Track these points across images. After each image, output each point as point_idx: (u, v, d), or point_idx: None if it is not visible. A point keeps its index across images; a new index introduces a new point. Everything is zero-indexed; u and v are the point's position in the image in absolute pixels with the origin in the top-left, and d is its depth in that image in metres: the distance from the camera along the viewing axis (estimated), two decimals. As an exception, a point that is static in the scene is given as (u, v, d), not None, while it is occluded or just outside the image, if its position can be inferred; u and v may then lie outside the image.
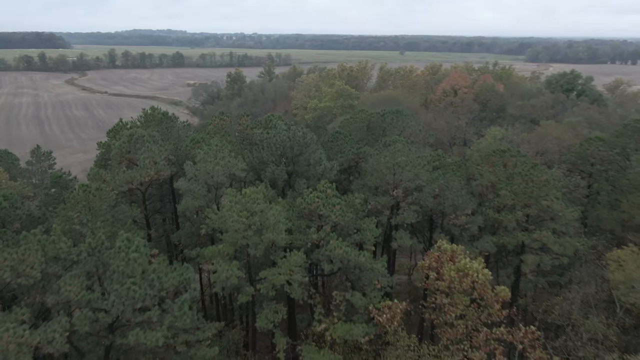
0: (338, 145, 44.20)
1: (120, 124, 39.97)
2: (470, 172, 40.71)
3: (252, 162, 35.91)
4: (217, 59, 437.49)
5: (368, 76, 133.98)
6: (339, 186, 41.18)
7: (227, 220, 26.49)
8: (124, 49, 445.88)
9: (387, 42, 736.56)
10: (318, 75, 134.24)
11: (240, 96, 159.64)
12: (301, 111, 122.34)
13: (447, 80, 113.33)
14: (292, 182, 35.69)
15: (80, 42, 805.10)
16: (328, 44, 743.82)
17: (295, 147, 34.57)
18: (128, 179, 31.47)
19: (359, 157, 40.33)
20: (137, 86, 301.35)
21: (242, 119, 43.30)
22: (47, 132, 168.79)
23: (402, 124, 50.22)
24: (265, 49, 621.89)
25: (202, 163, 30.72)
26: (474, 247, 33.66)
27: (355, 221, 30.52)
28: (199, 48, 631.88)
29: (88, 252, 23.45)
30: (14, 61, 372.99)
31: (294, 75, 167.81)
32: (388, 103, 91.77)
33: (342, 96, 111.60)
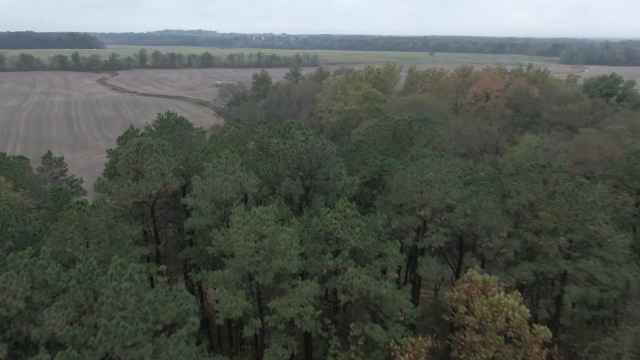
0: (361, 156, 41.21)
1: (130, 131, 37.98)
2: (505, 188, 37.12)
3: (266, 174, 33.31)
4: (245, 59, 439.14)
5: (396, 78, 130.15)
6: (361, 200, 38.30)
7: (234, 243, 23.92)
8: (154, 49, 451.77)
9: (416, 42, 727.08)
10: (344, 77, 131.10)
11: (266, 97, 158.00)
12: (326, 114, 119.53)
13: (478, 84, 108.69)
14: (310, 197, 32.94)
15: (113, 42, 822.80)
16: (356, 44, 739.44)
17: (314, 159, 31.80)
18: (133, 193, 29.29)
19: (383, 170, 37.24)
20: (165, 86, 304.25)
21: (259, 126, 40.78)
22: (76, 132, 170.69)
23: (430, 133, 46.83)
24: (293, 49, 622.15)
25: (210, 178, 28.28)
26: (509, 274, 30.18)
27: (376, 245, 27.52)
28: (228, 48, 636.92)
29: (78, 279, 21.17)
30: (49, 61, 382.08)
31: (320, 77, 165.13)
32: (416, 107, 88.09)
33: (369, 99, 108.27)
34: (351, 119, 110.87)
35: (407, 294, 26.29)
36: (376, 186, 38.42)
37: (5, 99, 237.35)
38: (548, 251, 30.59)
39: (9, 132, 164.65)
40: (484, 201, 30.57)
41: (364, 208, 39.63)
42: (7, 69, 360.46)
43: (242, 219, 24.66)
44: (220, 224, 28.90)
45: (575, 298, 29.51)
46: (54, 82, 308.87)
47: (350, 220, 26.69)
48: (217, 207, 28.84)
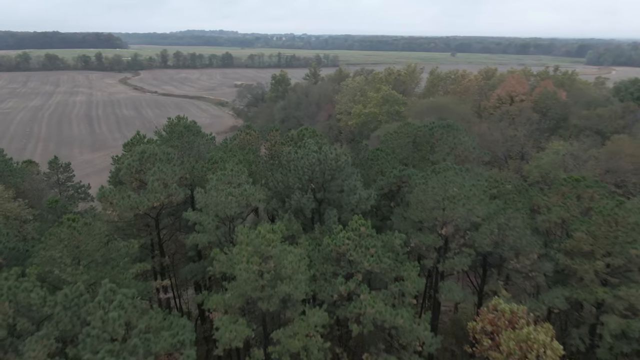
0: (378, 165, 38.79)
1: (137, 137, 36.28)
2: (534, 202, 34.27)
3: (276, 186, 31.19)
4: (265, 59, 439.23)
5: (417, 80, 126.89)
6: (377, 212, 35.90)
7: (236, 266, 21.83)
8: (176, 49, 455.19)
9: (438, 43, 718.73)
10: (364, 78, 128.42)
11: (284, 99, 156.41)
12: (345, 116, 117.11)
13: (502, 86, 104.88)
14: (322, 210, 30.71)
15: (136, 42, 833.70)
16: (377, 44, 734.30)
17: (327, 171, 29.55)
18: (132, 205, 27.51)
19: (402, 181, 34.78)
20: (186, 86, 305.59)
21: (270, 133, 38.70)
22: (96, 131, 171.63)
23: (452, 140, 44.15)
24: (314, 49, 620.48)
25: (213, 191, 26.28)
26: (539, 301, 27.47)
27: (393, 268, 25.14)
28: (249, 48, 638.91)
29: (64, 305, 19.33)
30: (73, 60, 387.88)
31: (339, 78, 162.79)
32: (437, 111, 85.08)
33: (388, 102, 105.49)
34: (370, 121, 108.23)
35: (426, 324, 23.86)
36: (394, 198, 35.97)
37: (29, 99, 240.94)
38: (583, 276, 27.75)
39: (31, 131, 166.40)
40: (512, 219, 27.90)
41: (381, 220, 37.25)
42: (32, 69, 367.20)
43: (245, 238, 22.58)
44: (225, 240, 26.90)
45: (615, 330, 26.57)
46: (77, 82, 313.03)
47: (365, 240, 24.37)
48: (222, 223, 26.88)
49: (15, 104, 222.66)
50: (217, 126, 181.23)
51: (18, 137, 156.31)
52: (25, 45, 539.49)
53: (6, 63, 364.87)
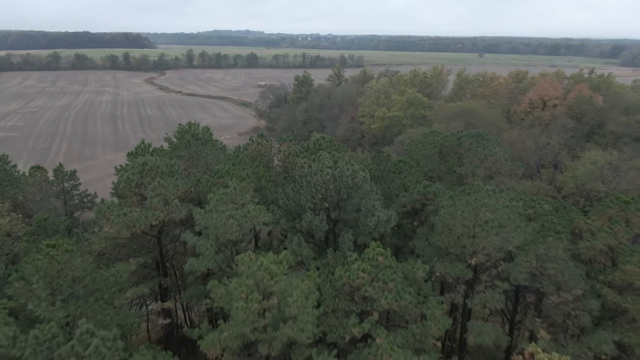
0: (401, 179, 35.57)
1: (142, 146, 33.99)
2: (575, 225, 30.55)
3: (287, 204, 28.37)
4: (290, 59, 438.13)
5: (443, 83, 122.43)
6: (399, 230, 32.72)
7: (234, 302, 19.09)
8: (201, 49, 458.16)
9: (465, 43, 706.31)
10: (388, 80, 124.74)
11: (307, 100, 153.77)
12: (368, 119, 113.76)
13: (534, 90, 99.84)
14: (337, 231, 27.76)
15: (164, 42, 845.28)
16: (403, 45, 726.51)
17: (342, 189, 26.58)
18: (129, 223, 25.10)
19: (426, 198, 31.54)
20: (210, 86, 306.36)
21: (284, 143, 35.84)
22: (120, 131, 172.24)
23: (483, 152, 40.51)
24: (339, 49, 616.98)
25: (213, 212, 23.63)
26: (583, 345, 23.91)
27: (415, 306, 22.00)
28: (274, 48, 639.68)
29: (34, 347, 16.84)
30: (101, 60, 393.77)
31: (363, 80, 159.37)
32: (465, 116, 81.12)
33: (413, 105, 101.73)
34: (394, 125, 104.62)
35: (453, 373, 20.78)
36: (418, 216, 32.74)
37: (57, 98, 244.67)
38: (636, 317, 24.13)
39: (57, 130, 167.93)
40: (553, 248, 24.42)
41: (402, 239, 34.10)
42: (62, 68, 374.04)
43: (246, 269, 19.82)
44: (225, 267, 24.21)
45: (675, 384, 22.97)
46: (105, 81, 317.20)
47: (383, 273, 21.32)
48: (224, 246, 24.20)
49: (44, 103, 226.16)
50: (240, 127, 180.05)
51: (43, 137, 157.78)
52: (57, 45, 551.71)
53: (37, 62, 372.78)
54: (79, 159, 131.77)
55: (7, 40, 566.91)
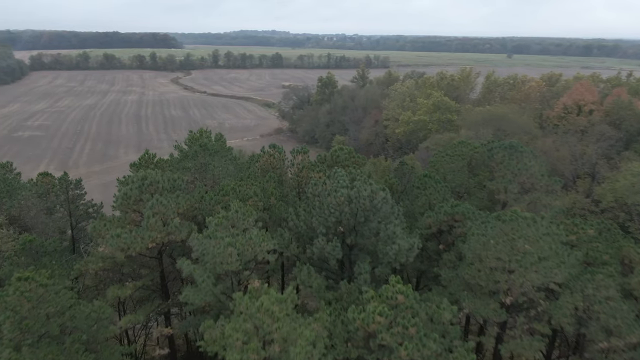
0: (426, 196, 32.41)
1: (145, 157, 31.74)
2: (624, 254, 26.92)
3: (297, 226, 25.60)
4: (314, 60, 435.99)
5: (471, 86, 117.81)
6: (422, 252, 29.56)
7: (228, 351, 16.45)
8: (227, 50, 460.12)
9: (494, 44, 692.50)
10: (414, 82, 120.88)
11: (330, 102, 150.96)
12: (392, 123, 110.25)
13: (569, 94, 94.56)
14: (353, 257, 24.87)
15: (191, 42, 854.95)
16: (429, 45, 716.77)
17: (359, 211, 23.69)
18: (122, 246, 22.79)
19: (454, 219, 28.37)
20: (234, 86, 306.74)
21: (297, 155, 32.98)
22: (143, 131, 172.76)
23: (516, 165, 36.97)
24: (364, 50, 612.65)
25: (211, 239, 21.06)
26: (639, 402, 20.50)
27: (440, 353, 18.93)
28: (299, 49, 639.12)
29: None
30: (129, 60, 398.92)
31: (388, 81, 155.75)
32: (495, 122, 77.01)
33: (440, 109, 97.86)
34: (419, 130, 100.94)
35: None
36: (444, 239, 29.55)
37: (84, 97, 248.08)
38: (702, 370, 20.60)
39: (82, 130, 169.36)
40: (603, 288, 21.03)
41: (426, 262, 30.97)
42: (91, 68, 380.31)
43: (244, 309, 17.16)
44: (225, 299, 21.55)
45: None
46: (131, 81, 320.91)
47: (403, 316, 18.36)
48: (224, 276, 21.58)
49: (71, 102, 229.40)
50: (262, 128, 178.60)
51: (69, 136, 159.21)
52: (87, 45, 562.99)
53: (67, 62, 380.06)
54: (101, 160, 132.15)
55: (40, 40, 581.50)
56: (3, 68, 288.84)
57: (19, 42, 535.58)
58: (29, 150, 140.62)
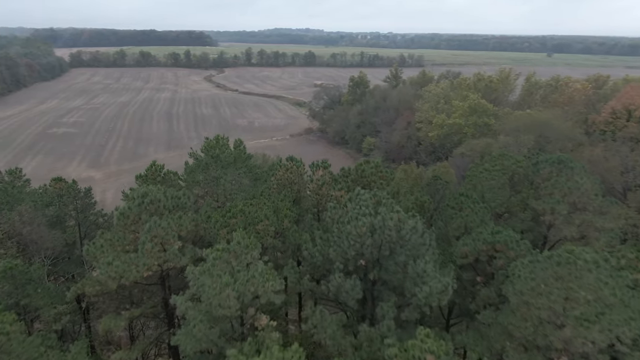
0: (462, 218, 28.68)
1: (153, 168, 29.19)
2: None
3: (312, 256, 22.39)
4: (347, 58, 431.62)
5: (510, 88, 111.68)
6: (458, 287, 25.84)
7: None
8: (260, 48, 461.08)
9: (533, 42, 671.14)
10: (449, 83, 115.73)
11: (361, 102, 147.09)
12: (425, 126, 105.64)
13: (618, 98, 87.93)
14: (376, 292, 21.53)
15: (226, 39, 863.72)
16: (465, 44, 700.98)
17: (384, 244, 20.35)
18: (113, 275, 20.20)
19: (494, 249, 24.63)
20: (266, 85, 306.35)
21: (317, 171, 29.59)
22: (174, 130, 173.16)
23: (566, 183, 32.73)
24: (399, 48, 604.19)
25: (207, 276, 18.08)
26: None
27: None
28: (333, 47, 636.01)
29: None
30: (164, 58, 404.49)
31: (422, 82, 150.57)
32: (537, 128, 71.78)
33: (476, 112, 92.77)
34: (454, 134, 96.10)
35: None
36: (482, 271, 25.81)
37: (119, 94, 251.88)
38: None
39: (114, 127, 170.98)
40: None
41: (460, 293, 27.30)
42: (127, 65, 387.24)
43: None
44: (224, 343, 18.55)
45: None
46: (165, 79, 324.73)
47: (432, 384, 15.02)
48: (220, 319, 18.57)
49: (106, 100, 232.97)
50: (292, 128, 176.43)
51: (101, 134, 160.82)
52: (125, 42, 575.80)
53: (105, 59, 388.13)
54: (131, 158, 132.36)
55: (80, 38, 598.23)
56: (44, 65, 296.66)
57: (60, 40, 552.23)
58: (62, 147, 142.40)
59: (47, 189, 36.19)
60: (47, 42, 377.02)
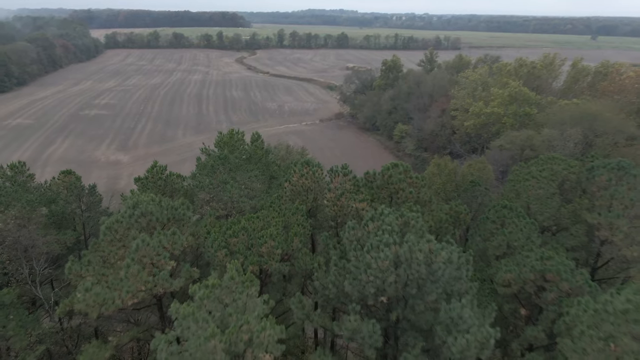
0: (504, 235, 24.59)
1: (155, 170, 26.09)
2: None
3: (326, 288, 18.82)
4: (381, 40, 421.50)
5: (555, 74, 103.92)
6: (501, 321, 22.10)
7: None
8: (292, 29, 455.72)
9: (576, 24, 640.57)
10: (487, 69, 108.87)
11: (394, 87, 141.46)
12: (461, 114, 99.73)
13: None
14: (399, 333, 17.93)
15: (260, 21, 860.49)
16: (505, 26, 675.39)
17: (410, 279, 16.65)
18: (91, 304, 17.31)
19: (544, 278, 20.60)
20: (298, 67, 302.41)
21: (336, 177, 25.50)
22: (203, 112, 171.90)
23: (627, 194, 28.06)
24: (434, 30, 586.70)
25: (191, 321, 14.85)
26: None
27: None
28: (367, 28, 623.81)
29: None
30: (197, 39, 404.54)
31: (458, 66, 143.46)
32: (586, 121, 65.63)
33: (517, 101, 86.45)
34: (491, 123, 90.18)
35: None
36: (526, 298, 21.81)
37: (152, 76, 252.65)
38: None
39: (144, 110, 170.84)
40: None
41: (500, 328, 23.43)
42: (161, 46, 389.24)
43: None
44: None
45: None
46: (198, 60, 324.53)
47: None
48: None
49: (139, 81, 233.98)
50: (322, 112, 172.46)
51: (131, 116, 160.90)
52: (160, 23, 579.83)
53: (139, 40, 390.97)
54: (160, 141, 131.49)
55: (116, 19, 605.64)
56: (79, 46, 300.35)
57: (97, 21, 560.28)
58: (92, 129, 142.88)
59: (55, 181, 33.82)
60: (83, 23, 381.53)
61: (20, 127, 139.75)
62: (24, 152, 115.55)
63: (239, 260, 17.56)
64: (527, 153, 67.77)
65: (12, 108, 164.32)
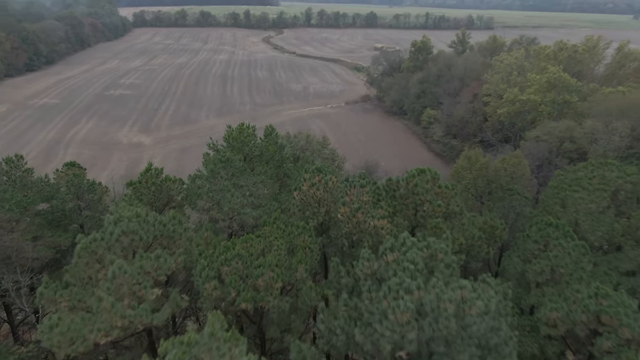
0: (549, 260, 20.95)
1: (149, 173, 23.23)
2: None
3: (332, 332, 15.66)
4: (411, 19, 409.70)
5: (598, 59, 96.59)
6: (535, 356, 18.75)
7: None
8: (321, 7, 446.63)
9: (618, 3, 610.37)
10: (523, 52, 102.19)
11: (423, 70, 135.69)
12: (494, 100, 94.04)
13: None
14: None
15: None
16: (541, 4, 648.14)
17: (435, 334, 13.34)
18: (56, 344, 14.70)
19: (599, 321, 17.08)
20: (325, 47, 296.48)
21: (352, 189, 21.67)
22: (227, 94, 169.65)
23: (696, 209, 23.90)
24: (467, 8, 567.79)
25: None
26: None
27: None
28: (397, 7, 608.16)
29: None
30: (224, 18, 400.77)
31: (492, 48, 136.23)
32: (634, 112, 59.97)
33: (556, 87, 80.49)
34: (527, 112, 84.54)
35: None
36: (577, 345, 18.33)
37: (178, 55, 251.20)
38: None
39: (169, 90, 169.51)
40: None
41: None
42: (188, 25, 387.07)
43: None
44: None
45: None
46: (224, 39, 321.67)
47: None
48: None
49: (165, 60, 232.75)
50: (348, 94, 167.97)
51: (155, 96, 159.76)
52: (187, 1, 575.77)
53: (166, 19, 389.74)
54: (182, 123, 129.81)
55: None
56: (107, 25, 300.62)
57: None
58: (116, 110, 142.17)
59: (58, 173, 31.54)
60: (111, 1, 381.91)
61: (47, 106, 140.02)
62: (48, 133, 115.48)
63: (230, 296, 14.61)
64: (567, 146, 62.83)
65: (39, 87, 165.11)
